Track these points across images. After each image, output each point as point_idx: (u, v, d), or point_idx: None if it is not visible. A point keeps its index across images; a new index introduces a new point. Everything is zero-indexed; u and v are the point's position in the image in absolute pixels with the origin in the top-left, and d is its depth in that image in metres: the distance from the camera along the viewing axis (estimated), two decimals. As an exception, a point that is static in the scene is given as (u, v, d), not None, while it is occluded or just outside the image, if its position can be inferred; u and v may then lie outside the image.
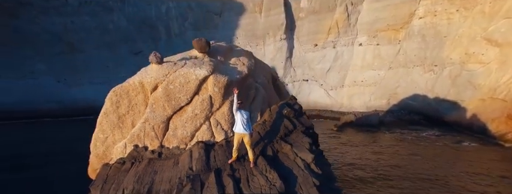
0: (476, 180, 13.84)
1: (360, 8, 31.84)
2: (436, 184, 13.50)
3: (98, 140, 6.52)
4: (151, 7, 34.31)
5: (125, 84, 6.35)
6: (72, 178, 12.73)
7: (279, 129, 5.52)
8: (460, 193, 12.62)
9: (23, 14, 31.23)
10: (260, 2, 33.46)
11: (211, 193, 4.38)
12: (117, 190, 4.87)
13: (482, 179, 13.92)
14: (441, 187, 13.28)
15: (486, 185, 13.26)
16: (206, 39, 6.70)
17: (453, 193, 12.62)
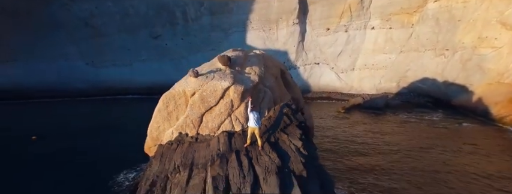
0: (465, 157, 15.54)
1: (375, -10, 31.81)
2: (424, 157, 15.37)
3: (153, 127, 8.86)
4: (169, -8, 35.63)
5: (172, 91, 8.40)
6: (131, 148, 15.83)
7: (279, 123, 7.50)
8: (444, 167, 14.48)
9: (55, 1, 33.45)
10: (274, -14, 33.97)
11: (232, 166, 6.55)
12: (170, 162, 7.13)
13: (471, 156, 15.60)
14: (427, 160, 15.16)
15: (472, 162, 14.97)
16: (228, 56, 8.52)
17: (435, 165, 14.51)
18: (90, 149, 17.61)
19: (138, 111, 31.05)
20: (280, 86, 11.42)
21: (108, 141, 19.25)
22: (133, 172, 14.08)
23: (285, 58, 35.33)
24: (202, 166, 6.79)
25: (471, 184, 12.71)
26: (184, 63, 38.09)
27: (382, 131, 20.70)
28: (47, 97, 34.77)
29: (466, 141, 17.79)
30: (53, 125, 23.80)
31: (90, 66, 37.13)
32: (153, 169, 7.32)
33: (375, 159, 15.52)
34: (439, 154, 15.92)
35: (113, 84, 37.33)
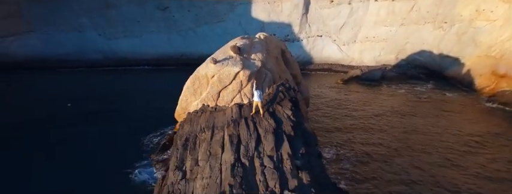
0: (437, 121, 18.18)
1: (380, -40, 31.93)
2: (401, 121, 18.12)
3: (182, 100, 11.55)
4: (175, -37, 35.98)
5: (197, 74, 10.79)
6: (152, 114, 18.83)
7: (276, 98, 9.87)
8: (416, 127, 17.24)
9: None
10: (279, -45, 34.03)
11: (242, 128, 9.25)
12: (197, 125, 9.84)
13: (442, 120, 18.26)
14: (403, 122, 17.89)
15: (441, 124, 17.64)
16: (238, 46, 10.73)
17: (406, 128, 17.29)
18: (116, 115, 20.66)
19: (151, 81, 34.02)
20: (280, 64, 13.78)
21: (131, 108, 22.31)
22: (158, 133, 17.06)
23: (288, 30, 36.73)
24: (220, 127, 9.51)
25: (435, 140, 15.50)
26: (191, 35, 39.86)
27: (372, 100, 23.27)
28: (64, 67, 37.39)
29: (443, 108, 20.36)
30: (79, 93, 26.89)
31: (102, 37, 39.03)
32: (185, 129, 10.10)
33: (359, 122, 18.35)
34: (416, 119, 18.63)
35: (125, 55, 39.59)
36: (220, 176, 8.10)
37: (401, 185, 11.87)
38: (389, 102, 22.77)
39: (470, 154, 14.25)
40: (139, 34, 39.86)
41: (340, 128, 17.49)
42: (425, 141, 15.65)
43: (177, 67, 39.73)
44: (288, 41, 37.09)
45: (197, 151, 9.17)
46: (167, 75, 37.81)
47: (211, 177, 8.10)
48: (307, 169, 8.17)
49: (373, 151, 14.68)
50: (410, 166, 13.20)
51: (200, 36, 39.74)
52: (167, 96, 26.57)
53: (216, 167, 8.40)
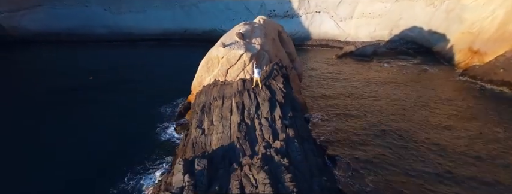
0: (409, 90, 21.31)
1: None
2: (379, 90, 21.26)
3: (198, 76, 14.50)
4: None
5: (210, 55, 13.53)
6: (172, 86, 21.73)
7: (271, 74, 12.78)
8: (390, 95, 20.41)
9: None
10: None
11: (246, 97, 12.35)
12: (210, 95, 12.97)
13: (414, 89, 21.37)
14: (380, 91, 21.02)
15: (412, 93, 20.76)
16: (241, 33, 13.35)
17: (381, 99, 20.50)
18: (132, 87, 23.67)
19: (158, 55, 36.45)
20: (277, 45, 16.54)
21: (144, 80, 25.36)
22: (172, 104, 20.19)
23: (288, 6, 38.40)
24: (229, 97, 12.59)
25: (399, 105, 18.70)
26: (194, 10, 41.55)
27: (360, 74, 26.19)
28: (72, 41, 39.77)
29: (418, 81, 23.40)
30: (93, 66, 29.76)
31: (107, 12, 40.84)
32: (201, 99, 13.21)
33: (345, 91, 21.57)
34: (391, 89, 21.75)
35: (130, 30, 41.68)
36: (230, 131, 11.39)
37: (366, 134, 15.21)
38: (374, 75, 25.69)
39: (423, 113, 17.41)
40: (143, 9, 41.58)
41: (328, 96, 20.68)
42: (392, 105, 18.87)
43: (182, 42, 42.14)
44: (287, 16, 39.00)
45: (212, 114, 12.36)
46: (172, 50, 40.37)
47: (223, 132, 11.39)
48: (293, 127, 11.43)
49: (350, 113, 17.93)
50: (376, 122, 16.48)
51: (203, 12, 41.46)
52: (175, 69, 29.54)
53: (227, 125, 11.67)
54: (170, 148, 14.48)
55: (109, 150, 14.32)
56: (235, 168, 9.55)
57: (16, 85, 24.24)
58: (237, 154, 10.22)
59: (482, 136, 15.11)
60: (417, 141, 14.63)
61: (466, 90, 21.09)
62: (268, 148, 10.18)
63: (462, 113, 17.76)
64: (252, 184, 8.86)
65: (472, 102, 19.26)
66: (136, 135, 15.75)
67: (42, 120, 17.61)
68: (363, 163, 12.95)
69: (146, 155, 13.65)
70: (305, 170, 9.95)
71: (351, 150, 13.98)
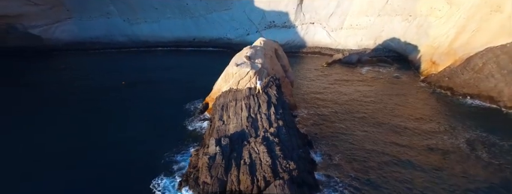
0: (378, 92, 27.77)
1: (364, -41, 39.16)
2: (353, 93, 27.70)
3: (217, 85, 20.96)
4: (188, -42, 43.07)
5: (227, 71, 19.94)
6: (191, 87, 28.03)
7: (269, 84, 19.17)
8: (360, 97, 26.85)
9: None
10: (278, -47, 41.06)
11: (251, 100, 18.63)
12: (227, 98, 19.37)
13: (381, 91, 27.79)
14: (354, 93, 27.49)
15: (378, 95, 27.24)
16: (248, 56, 19.82)
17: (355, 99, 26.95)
18: (157, 88, 30.12)
19: (172, 60, 42.92)
20: (273, 60, 23.08)
21: (166, 82, 31.89)
22: (193, 102, 26.52)
23: (286, 18, 44.91)
24: (240, 99, 19.03)
25: (369, 103, 25.11)
26: (203, 21, 48.13)
27: (344, 78, 32.67)
28: (97, 49, 46.61)
29: (386, 85, 29.85)
30: (121, 70, 36.39)
31: (126, 23, 47.45)
32: (221, 100, 19.67)
33: (328, 92, 27.96)
34: (366, 91, 28.17)
35: (146, 38, 48.39)
36: (241, 122, 17.90)
37: (339, 125, 21.50)
38: (355, 80, 32.16)
39: (386, 110, 23.79)
40: (158, 20, 48.16)
41: (315, 96, 27.10)
42: (363, 104, 25.18)
43: (191, 48, 48.78)
44: (285, 27, 45.52)
45: (229, 111, 18.86)
46: (183, 55, 46.98)
47: (237, 123, 17.90)
48: (282, 119, 17.93)
49: (329, 110, 24.24)
50: (348, 117, 22.80)
51: (210, 22, 47.99)
52: (188, 73, 36.15)
53: (239, 118, 18.18)
54: (196, 135, 20.82)
55: (150, 138, 20.56)
56: (245, 144, 16.10)
57: (58, 87, 30.94)
58: (246, 136, 16.78)
59: (425, 126, 21.51)
60: (378, 131, 21.06)
61: (422, 93, 27.54)
62: (266, 132, 16.73)
63: (414, 110, 24.20)
64: (256, 153, 15.41)
65: (424, 102, 25.71)
66: (169, 127, 22.09)
67: (89, 116, 24.03)
68: (333, 145, 19.38)
69: (179, 141, 19.99)
70: (289, 146, 16.49)
71: (324, 136, 20.47)
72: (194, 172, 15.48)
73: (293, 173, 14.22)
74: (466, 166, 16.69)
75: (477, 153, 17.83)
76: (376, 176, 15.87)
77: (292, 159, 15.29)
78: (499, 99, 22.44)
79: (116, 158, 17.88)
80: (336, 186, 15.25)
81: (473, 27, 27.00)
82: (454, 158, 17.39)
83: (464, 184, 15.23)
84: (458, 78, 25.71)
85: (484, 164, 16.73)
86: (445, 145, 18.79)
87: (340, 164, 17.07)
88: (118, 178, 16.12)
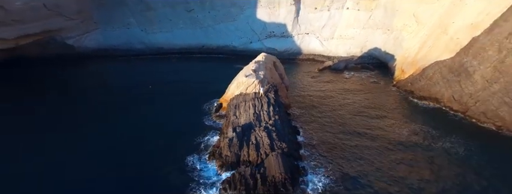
0: (355, 94, 36.14)
1: (350, -20, 47.52)
2: (336, 96, 36.06)
3: (230, 89, 29.32)
4: (199, -23, 51.44)
5: (238, 80, 28.21)
6: (205, 89, 36.34)
7: (268, 89, 27.06)
8: (341, 99, 35.21)
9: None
10: (277, -26, 49.39)
11: (257, 101, 26.69)
12: (238, 99, 27.46)
13: (358, 94, 36.16)
14: (336, 95, 35.86)
15: (353, 96, 35.61)
16: (254, 69, 28.14)
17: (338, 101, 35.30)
18: (176, 90, 38.25)
19: (186, 66, 51.22)
20: (272, 71, 31.49)
21: (184, 85, 40.16)
22: (208, 103, 34.87)
23: (284, 29, 53.26)
24: (248, 100, 27.08)
25: (347, 101, 33.39)
26: (211, 31, 56.49)
27: (331, 82, 40.93)
28: (118, 55, 54.89)
29: (362, 88, 38.19)
30: (143, 75, 44.71)
31: (144, 32, 55.86)
32: (234, 101, 27.79)
33: (317, 93, 36.22)
34: (347, 92, 36.47)
35: (161, 46, 56.75)
36: (249, 117, 26.21)
37: (322, 118, 29.72)
38: (340, 83, 40.44)
39: (359, 107, 32.01)
40: (171, 29, 56.52)
41: (306, 97, 35.45)
42: (343, 103, 33.49)
43: (200, 55, 57.13)
44: (283, 37, 53.87)
45: (240, 109, 27.15)
46: (193, 61, 55.31)
47: (246, 117, 26.21)
48: (278, 115, 26.26)
49: (316, 107, 32.56)
50: (330, 113, 31.05)
51: (217, 31, 56.29)
52: (200, 76, 44.45)
53: (247, 114, 26.50)
54: (213, 128, 29.04)
55: (181, 129, 28.76)
56: (252, 131, 24.45)
57: (90, 89, 39.25)
58: (253, 126, 25.13)
59: (385, 119, 29.71)
60: (349, 123, 29.28)
61: (391, 95, 35.84)
62: (266, 123, 25.10)
63: (381, 107, 32.43)
64: (259, 137, 23.78)
65: (390, 102, 33.99)
66: (194, 120, 30.42)
67: (121, 113, 32.17)
68: (314, 133, 27.63)
69: (202, 130, 28.23)
70: (282, 133, 24.85)
71: (309, 127, 28.75)
72: (218, 150, 23.85)
73: (284, 149, 22.54)
74: (404, 138, 25.00)
75: (414, 137, 26.13)
76: (341, 151, 24.19)
77: (284, 141, 23.63)
78: (441, 100, 30.68)
79: (157, 143, 26.05)
80: (313, 157, 23.60)
81: (429, 44, 35.33)
82: (398, 135, 25.73)
83: (397, 151, 23.54)
84: (417, 84, 34.03)
85: (418, 141, 25.03)
86: (394, 130, 27.10)
87: (318, 145, 25.39)
88: (162, 156, 24.16)
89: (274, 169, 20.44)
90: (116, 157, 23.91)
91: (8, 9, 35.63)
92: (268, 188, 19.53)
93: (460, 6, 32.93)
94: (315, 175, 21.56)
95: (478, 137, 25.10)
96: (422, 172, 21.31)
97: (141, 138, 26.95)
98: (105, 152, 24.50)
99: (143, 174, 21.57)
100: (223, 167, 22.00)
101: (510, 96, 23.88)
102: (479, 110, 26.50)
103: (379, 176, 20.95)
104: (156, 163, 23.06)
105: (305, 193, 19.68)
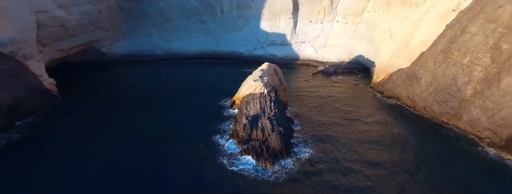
0: (336, 93, 48.21)
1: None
2: (322, 95, 48.15)
3: (242, 90, 41.19)
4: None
5: (248, 83, 40.33)
6: (218, 89, 48.80)
7: (271, 90, 38.81)
8: (326, 97, 47.28)
9: (144, 0, 62.32)
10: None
11: (262, 99, 38.70)
12: (248, 98, 39.32)
13: (338, 94, 48.27)
14: (322, 95, 47.93)
15: (335, 94, 47.67)
16: (260, 75, 40.14)
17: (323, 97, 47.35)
18: (196, 90, 50.54)
19: (200, 69, 63.36)
20: (274, 76, 43.64)
21: (201, 86, 52.36)
22: (223, 100, 46.83)
23: (284, 38, 65.34)
24: (256, 99, 38.86)
25: (330, 99, 45.32)
26: (221, 39, 68.63)
27: (321, 84, 52.94)
28: (142, 61, 67.04)
29: (344, 88, 50.16)
30: (166, 77, 56.84)
31: (163, 40, 68.08)
32: (245, 99, 39.49)
33: (309, 92, 48.27)
34: (332, 92, 48.45)
35: (177, 52, 68.89)
36: (257, 110, 38.16)
37: (310, 111, 41.76)
38: (328, 85, 52.50)
39: (341, 103, 43.92)
40: (186, 38, 68.65)
41: (300, 95, 47.54)
42: (328, 99, 45.51)
43: (211, 60, 69.21)
44: (283, 44, 65.95)
45: (250, 104, 39.04)
46: (205, 65, 67.35)
47: (254, 110, 38.13)
48: (278, 109, 38.25)
49: (308, 104, 44.59)
50: (318, 109, 42.97)
51: (226, 40, 68.34)
52: (214, 79, 57.25)
53: (255, 108, 38.40)
54: (230, 118, 41.07)
55: (206, 120, 40.83)
56: (259, 120, 36.59)
57: (125, 88, 51.33)
58: (260, 116, 37.16)
59: (359, 111, 41.58)
60: (332, 114, 41.26)
61: (366, 94, 47.83)
62: (269, 115, 37.17)
63: (356, 103, 44.42)
64: (264, 124, 35.94)
65: (364, 100, 46.00)
66: (213, 113, 42.43)
67: (156, 107, 44.48)
68: (304, 121, 39.69)
69: (221, 120, 40.31)
70: (280, 121, 36.93)
71: (301, 117, 40.76)
72: (235, 132, 35.90)
73: (281, 131, 34.52)
74: (370, 125, 36.92)
75: (378, 124, 38.06)
76: (322, 133, 36.14)
77: (281, 126, 35.67)
78: (400, 98, 42.62)
79: (190, 128, 38.05)
80: (302, 137, 35.60)
81: (396, 54, 47.35)
82: (366, 123, 37.69)
83: (363, 133, 35.47)
84: (386, 86, 46.06)
85: (380, 126, 36.96)
86: (363, 119, 38.99)
87: (305, 129, 37.37)
88: (195, 137, 36.03)
89: (274, 143, 32.50)
90: (161, 136, 35.90)
91: (67, 27, 47.77)
92: (269, 155, 31.59)
93: (417, 26, 44.99)
94: (302, 147, 33.57)
95: (419, 124, 37.03)
96: (378, 146, 33.21)
97: (178, 124, 38.91)
98: (152, 134, 36.47)
99: (183, 149, 33.21)
100: (240, 143, 34.03)
101: (438, 96, 35.78)
102: (422, 106, 38.45)
103: (348, 149, 32.84)
104: (192, 141, 34.85)
105: (295, 158, 31.71)
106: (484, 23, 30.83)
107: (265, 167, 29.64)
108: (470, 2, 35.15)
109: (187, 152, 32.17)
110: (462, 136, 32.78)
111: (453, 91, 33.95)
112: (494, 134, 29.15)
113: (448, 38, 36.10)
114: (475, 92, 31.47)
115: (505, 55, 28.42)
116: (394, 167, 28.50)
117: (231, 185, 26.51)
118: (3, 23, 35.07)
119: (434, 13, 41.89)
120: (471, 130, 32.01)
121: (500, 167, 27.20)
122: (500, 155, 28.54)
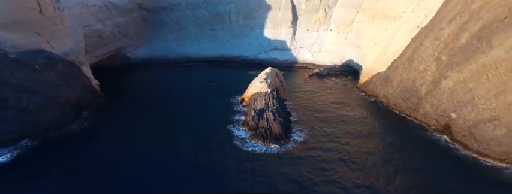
0: (326, 93, 60.54)
1: (333, 10, 72.11)
2: (314, 95, 60.51)
3: (250, 89, 53.42)
4: (221, 5, 75.85)
5: (255, 84, 52.48)
6: (229, 88, 61.54)
7: (273, 90, 50.73)
8: (317, 96, 59.65)
9: (162, 11, 74.75)
10: (280, 4, 73.85)
11: (267, 97, 50.71)
12: (255, 96, 51.97)
13: (328, 93, 60.61)
14: (315, 95, 60.32)
15: (328, 95, 60.00)
16: (265, 78, 52.30)
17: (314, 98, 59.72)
18: (209, 89, 62.84)
19: (210, 71, 75.94)
20: (275, 78, 56.05)
21: (213, 85, 64.78)
22: (233, 98, 59.00)
23: (284, 44, 77.74)
24: (261, 96, 50.93)
25: (317, 99, 57.51)
26: (229, 44, 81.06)
27: (316, 84, 65.20)
28: (159, 64, 79.32)
29: (333, 88, 62.54)
30: (182, 78, 69.26)
31: (178, 45, 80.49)
32: (253, 97, 51.55)
33: (306, 91, 60.51)
34: (323, 91, 60.74)
35: (190, 55, 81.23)
36: (262, 105, 50.41)
37: (304, 107, 53.89)
38: (321, 85, 64.88)
39: (329, 101, 56.07)
40: (198, 43, 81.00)
41: (296, 94, 59.79)
42: (319, 96, 57.75)
43: (220, 63, 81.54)
44: (284, 50, 78.34)
45: (257, 101, 51.12)
46: (215, 68, 79.61)
47: (260, 105, 50.36)
48: (278, 104, 50.52)
49: (302, 100, 56.74)
50: (311, 105, 55.24)
51: (234, 45, 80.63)
52: (224, 79, 70.52)
53: (261, 103, 50.66)
54: (240, 112, 53.36)
55: (217, 112, 52.94)
56: (264, 112, 48.98)
57: (148, 88, 63.73)
58: (264, 110, 49.47)
59: (344, 107, 53.86)
60: (322, 107, 53.54)
61: (352, 93, 60.08)
62: (272, 109, 49.64)
63: (343, 100, 56.71)
64: (268, 115, 48.42)
65: (349, 97, 58.31)
66: (225, 108, 54.69)
67: (176, 104, 56.85)
68: (300, 113, 51.97)
69: (233, 113, 52.62)
70: (280, 113, 49.34)
71: (298, 110, 53.06)
72: (246, 122, 48.28)
73: (281, 121, 46.94)
74: (352, 117, 49.18)
75: (359, 117, 50.30)
76: (314, 123, 48.45)
77: (281, 117, 48.06)
78: (378, 97, 54.87)
79: (207, 120, 50.42)
80: (298, 126, 47.97)
81: (377, 60, 59.70)
82: (349, 116, 49.94)
83: (347, 123, 47.75)
84: (368, 86, 58.37)
85: (360, 118, 49.22)
86: (347, 113, 51.28)
87: (301, 119, 49.76)
88: (212, 126, 48.30)
89: (276, 129, 44.88)
90: (187, 126, 48.33)
91: (103, 37, 60.22)
92: (273, 138, 43.93)
93: (394, 37, 57.42)
94: (298, 133, 45.90)
95: (391, 117, 49.38)
96: (356, 132, 45.49)
97: (198, 117, 51.34)
98: (179, 124, 48.87)
99: (206, 135, 45.42)
100: (250, 130, 46.38)
101: (404, 95, 48.07)
102: (393, 102, 50.78)
103: (333, 134, 45.12)
104: (209, 130, 47.14)
105: (292, 140, 44.03)
106: (433, 39, 43.14)
107: (270, 146, 42.19)
108: (427, 22, 47.53)
109: (210, 137, 44.34)
110: (418, 125, 45.14)
111: (413, 91, 46.32)
112: (437, 122, 41.48)
113: (412, 48, 48.47)
114: (427, 91, 43.81)
115: (443, 64, 40.74)
116: (367, 146, 40.84)
117: (247, 158, 38.75)
118: (66, 38, 47.40)
119: (405, 27, 54.30)
120: (424, 120, 44.33)
121: (437, 144, 39.55)
122: (441, 137, 40.88)
